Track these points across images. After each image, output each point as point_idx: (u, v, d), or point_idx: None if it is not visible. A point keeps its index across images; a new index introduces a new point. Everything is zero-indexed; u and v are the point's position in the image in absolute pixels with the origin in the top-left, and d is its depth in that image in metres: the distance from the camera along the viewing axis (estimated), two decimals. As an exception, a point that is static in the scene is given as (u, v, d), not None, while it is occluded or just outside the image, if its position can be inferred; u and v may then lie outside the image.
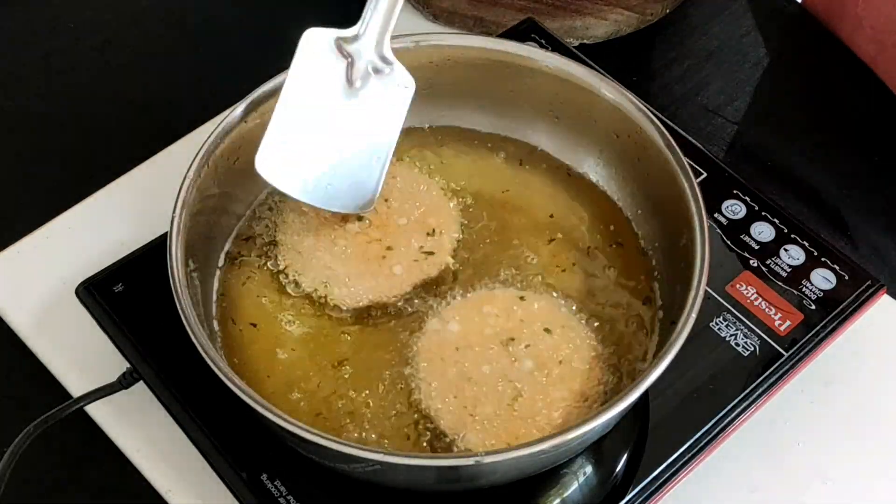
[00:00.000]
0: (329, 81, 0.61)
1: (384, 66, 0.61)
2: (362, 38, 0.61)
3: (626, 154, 0.65)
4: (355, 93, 0.61)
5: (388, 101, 0.62)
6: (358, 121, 0.62)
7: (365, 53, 0.61)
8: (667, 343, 0.53)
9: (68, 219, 0.74)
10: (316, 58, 0.61)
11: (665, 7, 0.87)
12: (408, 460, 0.50)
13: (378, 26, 0.61)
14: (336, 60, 0.61)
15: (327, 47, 0.61)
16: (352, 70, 0.61)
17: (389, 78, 0.62)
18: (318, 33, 0.61)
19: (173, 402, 0.60)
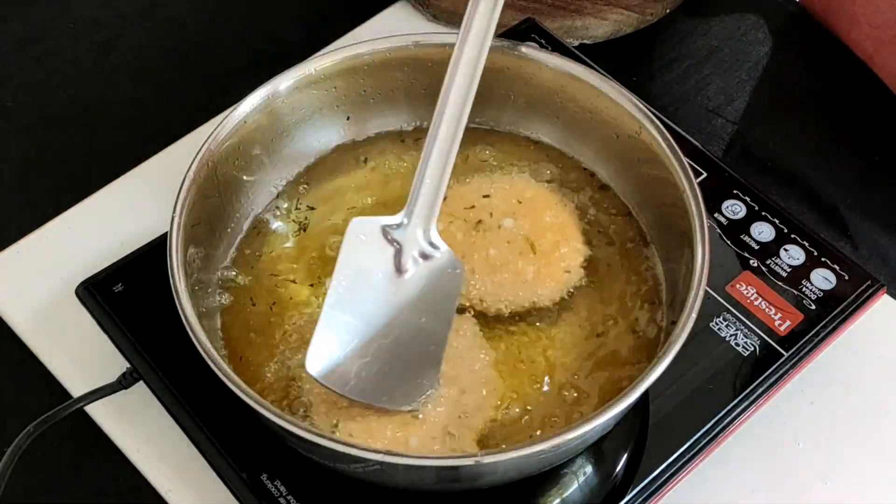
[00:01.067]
0: (377, 271, 0.59)
1: (433, 251, 0.59)
2: (408, 225, 0.59)
3: (626, 154, 0.65)
4: (405, 281, 0.59)
5: (438, 288, 0.59)
6: (410, 311, 0.59)
7: (412, 240, 0.59)
8: (667, 343, 0.53)
9: (68, 219, 0.74)
10: (363, 247, 0.58)
11: (665, 7, 0.87)
12: (408, 460, 0.50)
13: (424, 213, 0.59)
14: (383, 248, 0.59)
15: (373, 235, 0.59)
16: (400, 257, 0.59)
17: (439, 263, 0.59)
18: (363, 223, 0.59)
19: (173, 402, 0.60)
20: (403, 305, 0.59)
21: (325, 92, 0.66)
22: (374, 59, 0.66)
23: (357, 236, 0.59)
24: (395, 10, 0.87)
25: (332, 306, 0.57)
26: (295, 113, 0.66)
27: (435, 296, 0.59)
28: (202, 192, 0.60)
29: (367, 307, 0.58)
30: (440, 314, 0.59)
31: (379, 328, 0.58)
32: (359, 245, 0.58)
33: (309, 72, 0.64)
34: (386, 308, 0.58)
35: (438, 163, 0.58)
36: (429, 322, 0.58)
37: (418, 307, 0.59)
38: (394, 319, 0.58)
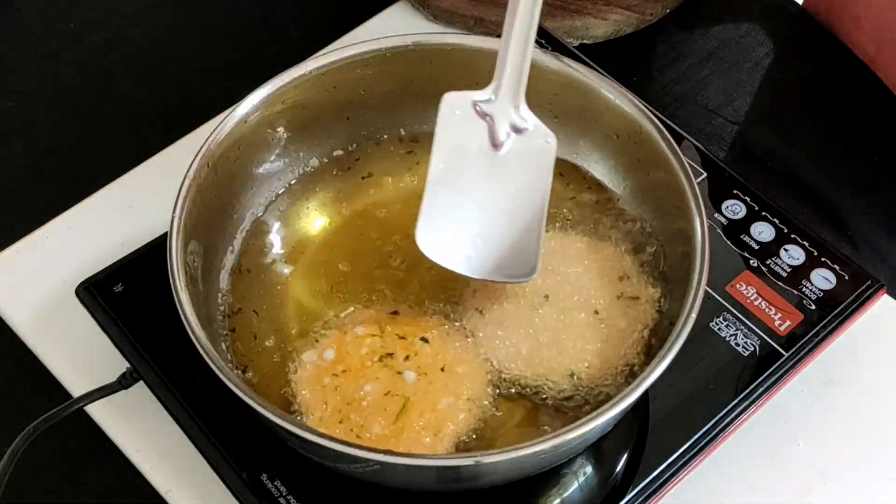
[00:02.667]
0: (473, 145, 0.60)
1: (524, 123, 0.60)
2: (498, 99, 0.60)
3: (626, 154, 0.65)
4: (500, 156, 0.60)
5: (532, 159, 0.60)
6: (507, 184, 0.60)
7: (503, 113, 0.60)
8: (667, 343, 0.53)
9: (68, 219, 0.74)
10: (457, 122, 0.59)
11: (665, 7, 0.87)
12: (408, 460, 0.50)
13: (511, 86, 0.59)
14: (477, 123, 0.60)
15: (466, 110, 0.60)
16: (493, 131, 0.60)
17: (530, 135, 0.60)
18: (455, 97, 0.60)
19: (173, 402, 0.60)
20: (502, 179, 0.60)
21: (325, 92, 0.66)
22: (373, 59, 0.66)
23: (451, 111, 0.59)
24: (395, 10, 0.87)
25: (435, 182, 0.58)
26: (295, 113, 0.66)
27: (530, 167, 0.60)
28: (202, 191, 0.60)
29: (467, 182, 0.59)
30: (537, 186, 0.60)
31: (480, 202, 0.59)
32: (453, 120, 0.59)
33: (309, 72, 0.64)
34: (485, 182, 0.60)
35: (521, 34, 0.58)
36: (527, 194, 0.60)
37: (516, 180, 0.60)
38: (494, 193, 0.59)
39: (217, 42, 0.90)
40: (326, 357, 0.58)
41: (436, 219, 0.58)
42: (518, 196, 0.60)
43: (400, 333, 0.59)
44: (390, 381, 0.57)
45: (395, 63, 0.66)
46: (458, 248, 0.58)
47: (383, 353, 0.58)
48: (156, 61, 0.88)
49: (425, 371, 0.57)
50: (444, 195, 0.59)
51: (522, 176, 0.60)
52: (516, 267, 0.59)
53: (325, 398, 0.56)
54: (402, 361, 0.58)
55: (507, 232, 0.59)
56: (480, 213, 0.59)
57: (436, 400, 0.57)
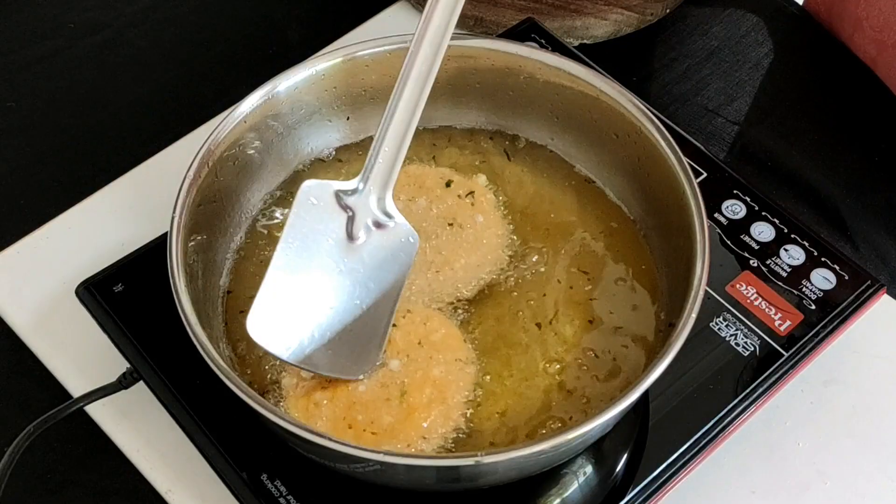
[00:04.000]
0: (328, 235, 0.57)
1: (387, 220, 0.58)
2: (363, 192, 0.58)
3: (626, 154, 0.65)
4: (356, 248, 0.58)
5: (391, 256, 0.58)
6: (358, 278, 0.58)
7: (366, 208, 0.58)
8: (667, 343, 0.53)
9: (68, 219, 0.74)
10: (314, 211, 0.57)
11: (665, 7, 0.87)
12: (408, 460, 0.50)
13: (380, 181, 0.58)
14: (335, 213, 0.57)
15: (326, 199, 0.57)
16: (352, 224, 0.58)
17: (393, 232, 0.58)
18: (315, 186, 0.57)
19: (173, 402, 0.60)
20: (352, 272, 0.58)
21: (325, 92, 0.66)
22: (374, 59, 0.66)
23: (309, 199, 0.57)
24: (395, 10, 0.87)
25: (279, 268, 0.56)
26: (295, 113, 0.66)
27: (386, 265, 0.58)
28: (202, 192, 0.60)
29: (314, 272, 0.57)
30: (391, 283, 0.58)
31: (326, 294, 0.57)
32: (310, 208, 0.57)
33: (309, 72, 0.64)
34: (334, 274, 0.57)
35: (399, 129, 0.57)
36: (378, 291, 0.57)
37: (368, 275, 0.58)
38: (342, 286, 0.57)
39: (217, 42, 0.90)
40: (306, 375, 0.57)
41: (272, 306, 0.55)
42: (369, 290, 0.58)
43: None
44: (379, 374, 0.57)
45: (395, 63, 0.66)
46: (293, 337, 0.55)
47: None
48: (156, 61, 0.88)
49: (406, 353, 0.57)
50: (285, 283, 0.56)
51: (377, 271, 0.58)
52: (353, 363, 0.56)
53: (322, 414, 0.56)
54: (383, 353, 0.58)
55: (351, 326, 0.57)
56: (323, 305, 0.57)
57: (428, 373, 0.57)
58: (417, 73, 0.57)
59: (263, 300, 0.55)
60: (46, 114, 0.84)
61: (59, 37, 0.89)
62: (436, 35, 0.57)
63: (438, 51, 0.57)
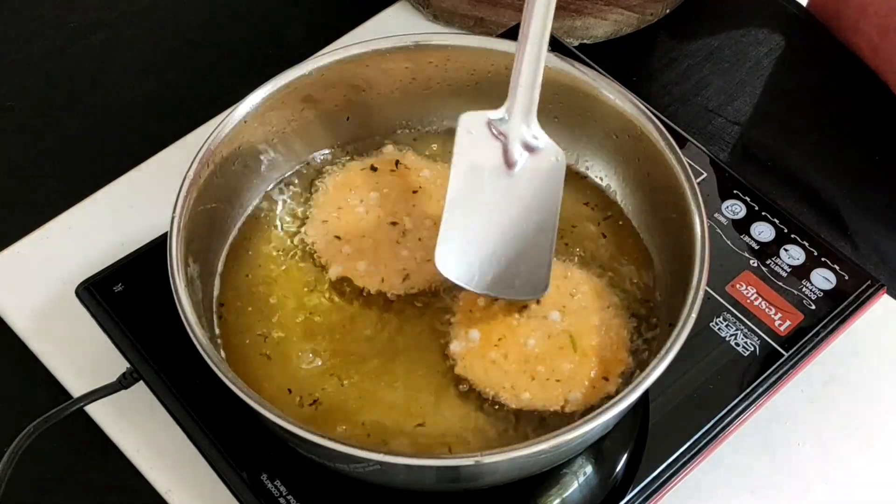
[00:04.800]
0: (488, 165, 0.61)
1: (535, 142, 0.61)
2: (511, 118, 0.61)
3: (626, 154, 0.65)
4: (513, 174, 0.61)
5: (544, 177, 0.61)
6: (520, 203, 0.61)
7: (516, 132, 0.61)
8: (667, 343, 0.53)
9: (68, 219, 0.74)
10: (473, 142, 0.61)
11: (665, 7, 0.87)
12: (408, 460, 0.50)
13: (523, 105, 0.60)
14: (491, 142, 0.61)
15: (482, 130, 0.61)
16: (507, 151, 0.61)
17: (542, 153, 0.61)
18: (471, 118, 0.61)
19: (173, 402, 0.60)
20: (515, 198, 0.61)
21: (325, 92, 0.66)
22: (373, 59, 0.66)
23: (467, 132, 0.61)
24: (395, 10, 0.87)
25: (452, 203, 0.60)
26: (295, 113, 0.66)
27: (542, 186, 0.61)
28: (202, 192, 0.60)
29: (482, 202, 0.61)
30: (549, 204, 0.61)
31: (496, 223, 0.61)
32: (469, 140, 0.61)
33: (309, 72, 0.64)
34: (500, 201, 0.61)
35: (533, 53, 0.59)
36: (540, 214, 0.61)
37: (529, 199, 0.61)
38: (508, 212, 0.61)
39: (217, 42, 0.90)
40: (473, 338, 0.59)
41: (453, 239, 0.60)
42: (531, 215, 0.61)
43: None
44: (543, 327, 0.59)
45: (395, 63, 0.66)
46: (473, 267, 0.60)
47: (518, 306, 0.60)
48: (156, 61, 0.88)
49: (562, 304, 0.60)
50: (461, 215, 0.60)
51: (535, 195, 0.61)
52: (528, 285, 0.60)
53: (503, 369, 0.58)
54: (537, 306, 0.60)
55: (521, 251, 0.60)
56: (495, 232, 0.61)
57: (589, 320, 0.60)
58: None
59: (446, 235, 0.59)
60: (46, 114, 0.84)
61: (59, 37, 0.89)
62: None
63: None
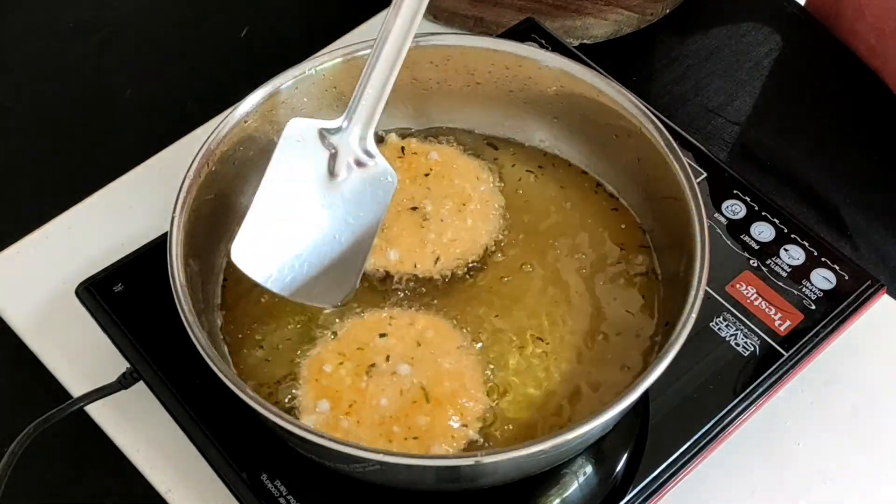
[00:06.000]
0: (311, 171, 0.60)
1: (367, 159, 0.61)
2: (346, 131, 0.60)
3: (626, 154, 0.65)
4: (337, 184, 0.61)
5: (370, 194, 0.61)
6: (338, 213, 0.61)
7: (348, 146, 0.60)
8: (667, 343, 0.53)
9: (68, 219, 0.74)
10: (299, 148, 0.60)
11: (665, 7, 0.87)
12: (408, 460, 0.50)
13: (362, 121, 0.60)
14: (319, 151, 0.60)
15: (311, 137, 0.60)
16: (334, 161, 0.61)
17: (373, 171, 0.61)
18: (301, 123, 0.60)
19: (173, 402, 0.60)
20: (333, 207, 0.61)
21: (325, 92, 0.66)
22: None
23: (294, 136, 0.60)
24: (395, 10, 0.87)
25: (263, 200, 0.59)
26: (295, 113, 0.66)
27: (365, 202, 0.61)
28: (202, 192, 0.60)
29: (296, 205, 0.60)
30: (368, 220, 0.61)
31: (307, 227, 0.60)
32: (295, 145, 0.60)
33: (309, 72, 0.64)
34: (316, 208, 0.60)
35: (384, 69, 0.59)
36: (357, 227, 0.61)
37: (348, 211, 0.61)
38: (322, 220, 0.60)
39: (217, 42, 0.90)
40: (323, 409, 0.57)
41: (257, 235, 0.59)
42: (346, 227, 0.61)
43: (357, 344, 0.59)
44: (393, 383, 0.57)
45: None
46: (274, 266, 0.59)
47: (365, 367, 0.58)
48: (155, 61, 0.88)
49: (409, 355, 0.58)
50: (269, 214, 0.59)
51: (355, 209, 0.61)
52: (327, 295, 0.60)
53: (358, 437, 0.56)
54: (385, 364, 0.58)
55: (330, 258, 0.60)
56: (304, 237, 0.60)
57: (439, 367, 0.58)
58: (404, 13, 0.58)
59: (248, 229, 0.59)
60: (46, 114, 0.84)
61: (59, 37, 0.89)
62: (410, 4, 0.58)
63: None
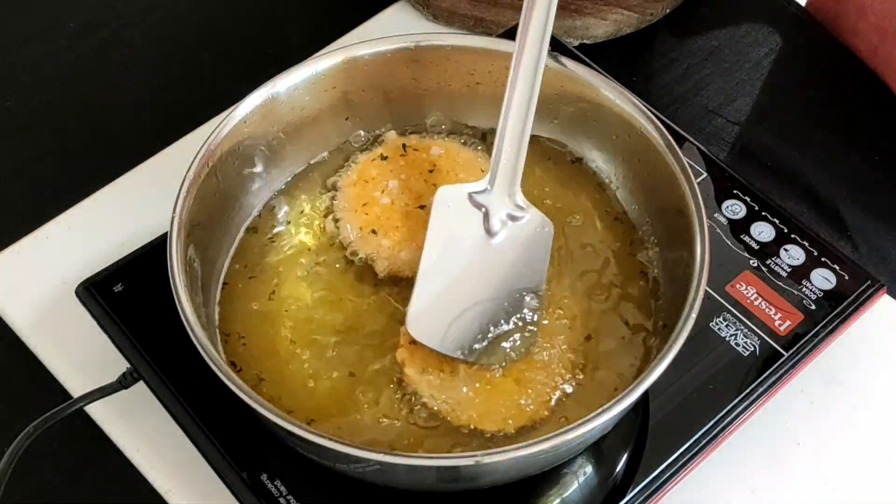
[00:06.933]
0: (467, 235, 0.60)
1: (519, 212, 0.61)
2: (492, 190, 0.60)
3: (626, 154, 0.65)
4: (495, 244, 0.61)
5: (528, 246, 0.61)
6: (500, 269, 0.60)
7: (498, 204, 0.61)
8: (667, 343, 0.53)
9: (68, 219, 0.74)
10: (451, 213, 0.60)
11: (665, 7, 0.87)
12: (408, 460, 0.50)
13: (507, 176, 0.60)
14: (471, 213, 0.61)
15: (460, 202, 0.61)
16: (488, 220, 0.61)
17: (527, 223, 0.61)
18: (449, 191, 0.61)
19: (173, 402, 0.60)
20: (496, 266, 0.60)
21: (324, 92, 0.66)
22: (374, 59, 0.66)
23: (445, 204, 0.60)
24: (395, 10, 0.87)
25: (427, 272, 0.59)
26: (294, 113, 0.66)
27: (526, 255, 0.61)
28: (202, 192, 0.60)
29: (459, 270, 0.60)
30: (533, 273, 0.60)
31: (473, 289, 0.59)
32: (447, 213, 0.60)
33: (309, 72, 0.64)
34: (479, 270, 0.60)
35: (517, 124, 0.59)
36: (524, 280, 0.60)
37: (511, 267, 0.60)
38: (487, 281, 0.60)
39: (217, 42, 0.90)
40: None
41: (428, 306, 0.59)
42: (514, 282, 0.60)
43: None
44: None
45: (395, 63, 0.66)
46: (450, 330, 0.58)
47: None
48: (155, 61, 0.88)
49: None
50: (436, 282, 0.59)
51: (517, 262, 0.61)
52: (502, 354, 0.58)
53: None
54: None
55: (501, 319, 0.59)
56: (472, 299, 0.59)
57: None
58: (526, 68, 0.58)
59: (418, 301, 0.58)
60: (46, 114, 0.84)
61: (59, 37, 0.89)
62: (537, 29, 0.58)
63: (542, 45, 0.58)
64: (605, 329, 0.61)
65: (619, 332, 0.61)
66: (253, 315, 0.62)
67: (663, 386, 0.60)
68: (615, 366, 0.60)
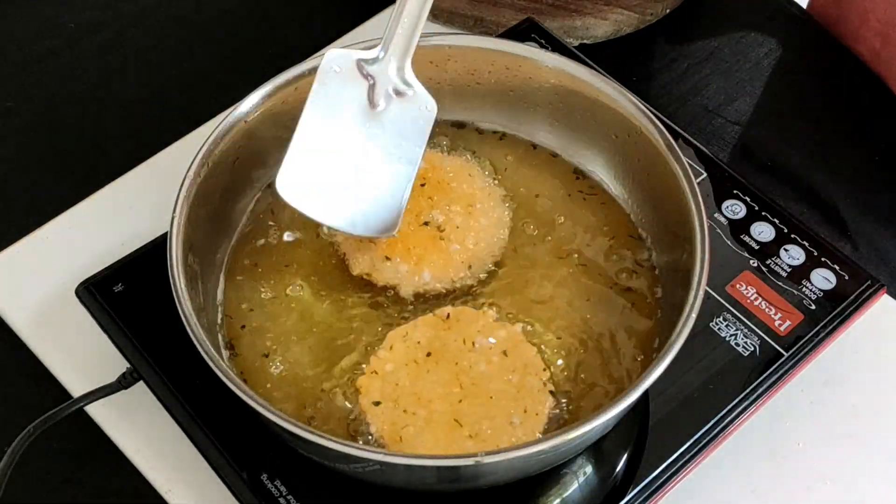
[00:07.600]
0: (350, 102, 0.61)
1: (406, 88, 0.61)
2: (383, 60, 0.60)
3: (626, 154, 0.65)
4: (377, 115, 0.61)
5: (410, 123, 0.61)
6: (380, 143, 0.61)
7: (386, 75, 0.60)
8: (667, 343, 0.53)
9: (68, 219, 0.74)
10: (337, 78, 0.60)
11: (665, 7, 0.87)
12: (408, 460, 0.50)
13: (399, 49, 0.60)
14: (357, 81, 0.61)
15: (348, 68, 0.60)
16: (373, 92, 0.61)
17: (411, 100, 0.61)
18: (339, 54, 0.60)
19: (173, 402, 0.60)
20: (374, 137, 0.61)
21: (325, 92, 0.66)
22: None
23: (332, 67, 0.60)
24: (395, 10, 0.87)
25: (304, 132, 0.60)
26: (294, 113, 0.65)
27: (406, 131, 0.61)
28: (202, 192, 0.60)
29: (337, 136, 0.60)
30: (411, 150, 0.61)
31: (348, 157, 0.61)
32: (333, 76, 0.60)
33: (308, 72, 0.64)
34: (356, 139, 0.61)
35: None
36: (399, 157, 0.61)
37: (389, 141, 0.61)
38: (364, 151, 0.61)
39: (217, 42, 0.90)
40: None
41: (299, 168, 0.60)
42: (390, 156, 0.61)
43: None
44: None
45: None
46: (319, 198, 0.60)
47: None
48: (155, 61, 0.88)
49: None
50: (312, 146, 0.60)
51: (396, 139, 0.61)
52: (377, 223, 0.61)
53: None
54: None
55: (374, 189, 0.61)
56: (348, 167, 0.61)
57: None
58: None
59: (291, 161, 0.59)
60: (46, 114, 0.84)
61: (59, 37, 0.89)
62: None
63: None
64: (605, 329, 0.61)
65: (618, 331, 0.61)
66: (253, 315, 0.62)
67: (663, 386, 0.60)
68: (614, 366, 0.60)
